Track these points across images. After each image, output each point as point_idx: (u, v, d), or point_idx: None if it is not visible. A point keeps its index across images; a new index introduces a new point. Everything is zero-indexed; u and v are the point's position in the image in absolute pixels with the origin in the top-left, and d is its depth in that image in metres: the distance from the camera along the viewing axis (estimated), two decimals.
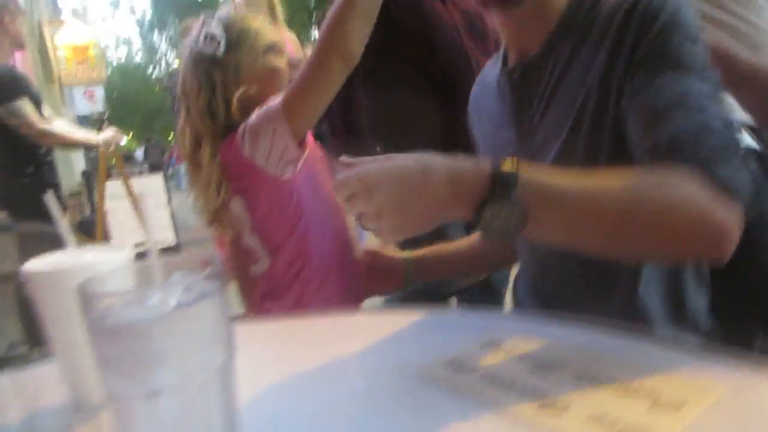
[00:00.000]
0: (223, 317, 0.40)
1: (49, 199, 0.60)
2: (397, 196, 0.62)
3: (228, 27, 1.12)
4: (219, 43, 1.10)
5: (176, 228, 6.10)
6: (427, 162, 0.62)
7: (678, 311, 0.84)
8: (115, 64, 33.33)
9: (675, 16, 0.72)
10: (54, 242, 0.62)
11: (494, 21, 0.90)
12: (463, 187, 0.61)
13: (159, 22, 28.40)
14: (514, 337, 0.67)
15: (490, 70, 0.99)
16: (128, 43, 37.78)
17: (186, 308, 0.38)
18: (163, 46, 31.34)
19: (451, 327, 0.77)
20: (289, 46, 2.39)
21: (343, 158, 0.65)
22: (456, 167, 0.62)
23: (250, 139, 1.03)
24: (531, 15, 0.83)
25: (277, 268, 1.12)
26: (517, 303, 1.03)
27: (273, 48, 1.14)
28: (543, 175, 0.63)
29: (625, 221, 0.63)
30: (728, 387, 0.50)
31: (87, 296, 0.38)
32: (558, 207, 0.62)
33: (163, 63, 31.87)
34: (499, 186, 0.59)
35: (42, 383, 0.68)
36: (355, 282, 1.18)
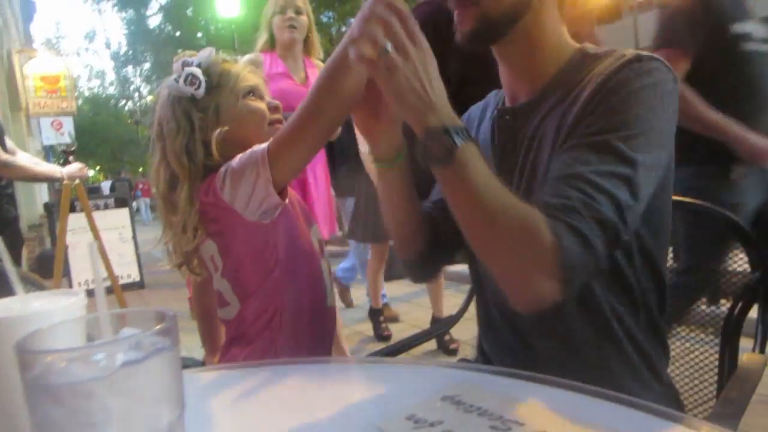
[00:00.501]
0: (173, 375, 0.38)
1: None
2: (428, 62, 0.71)
3: (208, 69, 1.11)
4: (199, 84, 1.09)
5: (140, 263, 5.96)
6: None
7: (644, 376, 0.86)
8: (86, 95, 33.05)
9: (639, 93, 0.75)
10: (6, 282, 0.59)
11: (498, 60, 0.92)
12: (442, 106, 0.71)
13: (134, 55, 28.38)
14: (473, 391, 0.66)
15: (492, 102, 1.01)
16: (101, 75, 37.54)
17: (134, 366, 0.36)
18: (137, 80, 31.31)
19: (412, 380, 0.76)
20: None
21: None
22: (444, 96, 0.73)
23: (231, 183, 1.00)
24: (521, 63, 0.86)
25: (247, 314, 1.09)
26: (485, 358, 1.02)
27: (253, 91, 1.14)
28: (476, 154, 0.71)
29: (494, 220, 0.70)
30: None
31: (25, 353, 0.36)
32: (462, 175, 0.70)
33: (136, 96, 31.77)
34: (453, 132, 0.69)
35: None
36: (327, 332, 1.16)
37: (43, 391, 0.35)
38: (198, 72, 1.10)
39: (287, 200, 1.02)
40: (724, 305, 1.06)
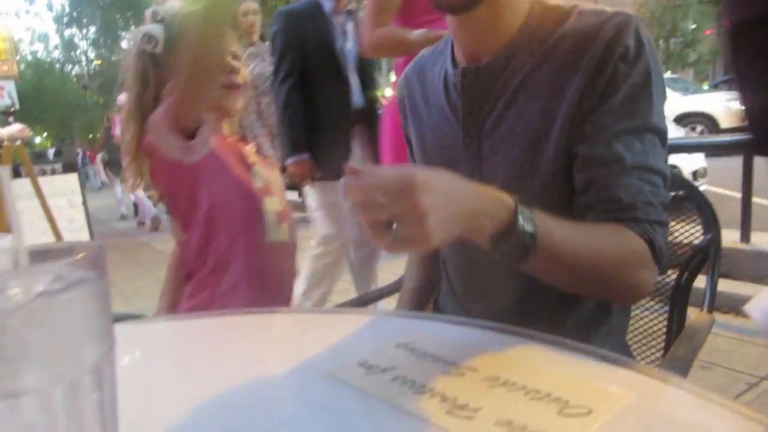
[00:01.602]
0: (99, 309, 0.35)
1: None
2: (447, 189, 0.61)
3: (171, 24, 1.19)
4: (156, 43, 1.19)
5: (91, 230, 5.77)
6: (459, 180, 0.65)
7: (604, 332, 0.88)
8: (29, 59, 31.37)
9: (650, 65, 0.76)
10: None
11: (448, 22, 0.88)
12: (489, 204, 0.66)
13: (78, 18, 27.01)
14: (427, 339, 0.66)
15: (431, 61, 0.98)
16: (45, 39, 35.59)
17: (52, 297, 0.33)
18: (83, 43, 29.83)
19: (365, 328, 0.74)
20: None
21: (351, 167, 0.61)
22: (480, 187, 0.66)
23: (154, 131, 1.11)
24: (486, 22, 0.83)
25: (188, 251, 1.19)
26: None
27: None
28: (548, 223, 0.69)
29: (586, 271, 0.72)
30: (636, 395, 0.50)
31: None
32: (550, 253, 0.68)
33: (84, 60, 30.33)
34: (522, 218, 0.65)
35: None
36: (274, 268, 1.23)
37: None
38: (156, 30, 1.18)
39: (217, 140, 1.15)
40: (670, 275, 1.09)
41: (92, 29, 26.88)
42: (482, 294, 0.93)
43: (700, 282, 1.04)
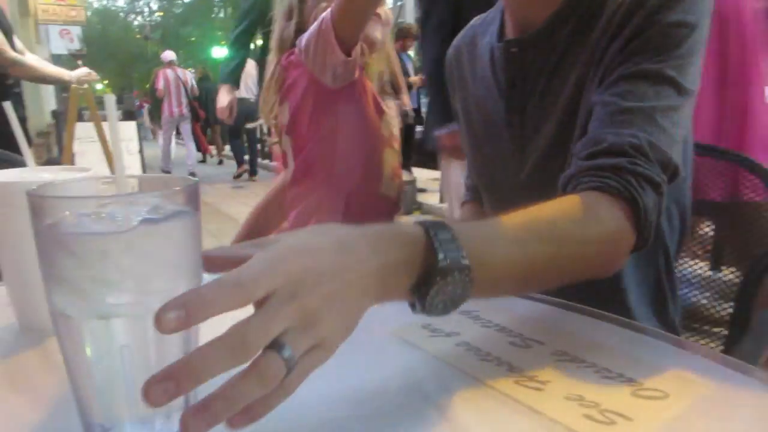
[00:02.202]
0: (192, 242, 0.36)
1: (8, 107, 0.54)
2: (325, 259, 0.39)
3: None
4: None
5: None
6: (334, 229, 0.43)
7: (661, 315, 0.84)
8: (95, 5, 32.13)
9: (693, 19, 0.68)
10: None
11: None
12: (389, 248, 0.44)
13: None
14: (491, 310, 0.65)
15: (481, 31, 0.94)
16: None
17: (151, 226, 0.33)
18: None
19: None
20: None
21: (209, 253, 0.42)
22: (377, 233, 0.44)
23: (305, 49, 1.16)
24: None
25: (298, 170, 1.24)
26: None
27: None
28: (480, 239, 0.50)
29: (553, 267, 0.57)
30: (713, 384, 0.48)
31: (38, 201, 0.33)
32: (493, 278, 0.51)
33: (146, 11, 30.87)
34: (443, 255, 0.44)
35: None
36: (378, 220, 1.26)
37: (56, 242, 0.32)
38: None
39: (359, 82, 1.19)
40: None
41: None
42: None
43: None
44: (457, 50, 0.98)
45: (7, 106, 0.55)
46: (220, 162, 10.61)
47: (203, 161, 10.74)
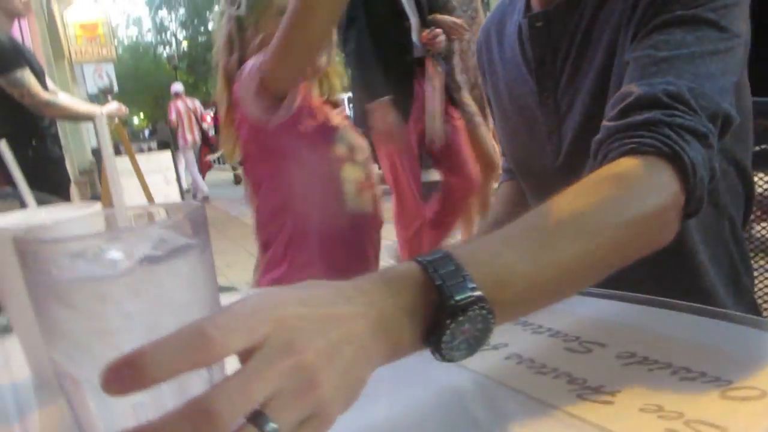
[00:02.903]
0: (203, 277, 0.32)
1: (2, 147, 0.52)
2: (331, 324, 0.33)
3: None
4: (239, 3, 1.16)
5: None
6: (324, 283, 0.37)
7: (739, 295, 0.77)
8: (126, 43, 33.23)
9: None
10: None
11: None
12: (396, 304, 0.37)
13: (168, 0, 28.22)
14: (540, 312, 0.58)
15: (510, 10, 0.88)
16: (138, 23, 37.49)
17: (154, 265, 0.29)
18: (172, 25, 31.14)
19: None
20: None
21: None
22: (371, 281, 0.38)
23: (238, 87, 1.10)
24: None
25: (263, 218, 1.18)
26: None
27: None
28: (489, 258, 0.42)
29: (590, 264, 0.47)
30: None
31: (25, 246, 0.29)
32: (520, 295, 0.43)
33: (174, 42, 31.71)
34: (448, 292, 0.38)
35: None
36: (348, 240, 1.18)
37: (49, 290, 0.29)
38: None
39: (301, 110, 1.08)
40: None
41: (181, 11, 28.02)
42: None
43: None
44: (486, 33, 0.93)
45: (3, 145, 0.52)
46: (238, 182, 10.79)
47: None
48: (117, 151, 4.08)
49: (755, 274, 0.92)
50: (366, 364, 0.34)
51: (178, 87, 8.98)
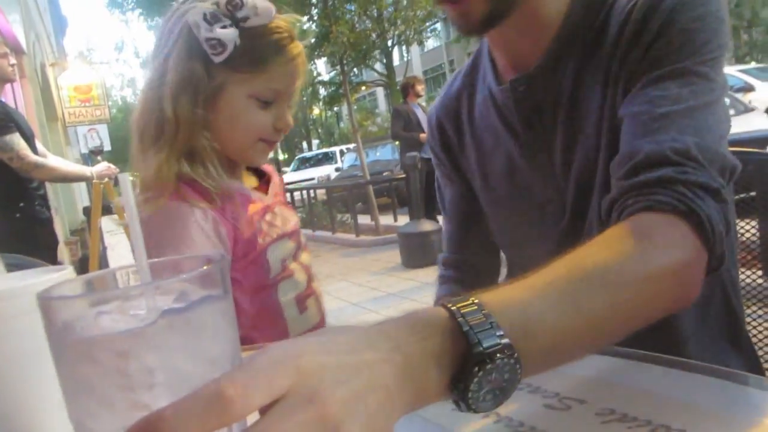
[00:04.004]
0: (225, 328, 0.31)
1: None
2: (354, 372, 0.33)
3: (252, 35, 0.92)
4: (222, 52, 0.98)
5: None
6: (348, 328, 0.37)
7: (736, 342, 0.77)
8: (120, 103, 33.81)
9: (708, 15, 0.63)
10: None
11: (488, 38, 0.79)
12: (423, 349, 0.37)
13: None
14: None
15: (466, 82, 0.87)
16: (132, 83, 38.33)
17: (175, 317, 0.29)
18: None
19: None
20: None
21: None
22: (397, 326, 0.37)
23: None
24: (525, 24, 0.72)
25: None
26: None
27: (277, 96, 0.94)
28: (517, 306, 0.42)
29: (617, 317, 0.48)
30: None
31: (47, 303, 0.29)
32: (548, 348, 0.43)
33: None
34: (476, 339, 0.37)
35: None
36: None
37: (73, 347, 0.29)
38: (230, 37, 0.82)
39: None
40: None
41: None
42: None
43: None
44: (440, 127, 0.90)
45: None
46: None
47: None
48: (107, 211, 4.08)
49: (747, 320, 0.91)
50: (391, 412, 0.33)
51: None
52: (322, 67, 25.68)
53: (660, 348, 0.63)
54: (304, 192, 9.38)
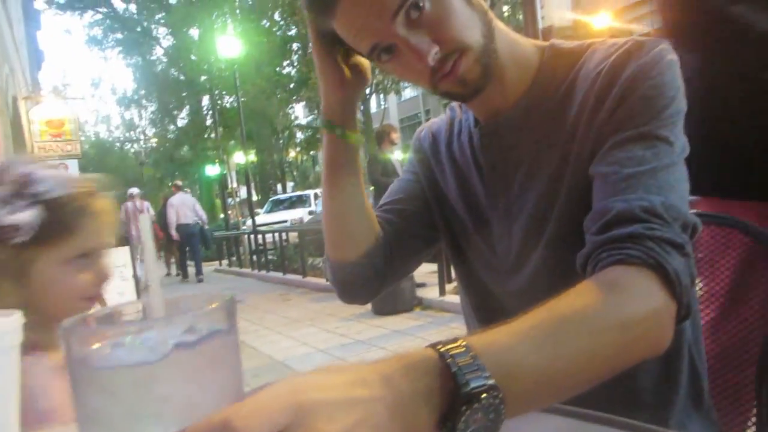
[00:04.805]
0: (234, 360, 0.34)
1: None
2: (347, 409, 0.35)
3: (55, 207, 0.86)
4: (12, 239, 0.86)
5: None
6: (342, 368, 0.40)
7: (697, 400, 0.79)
8: (93, 139, 33.55)
9: (667, 83, 0.68)
10: None
11: None
12: (414, 389, 0.40)
13: (138, 99, 28.91)
14: None
15: (452, 115, 0.92)
16: (107, 120, 38.18)
17: (186, 350, 0.31)
18: (142, 122, 31.81)
19: None
20: None
21: None
22: (389, 366, 0.40)
23: None
24: (496, 85, 0.76)
25: None
26: None
27: (90, 252, 0.89)
28: (502, 349, 0.46)
29: (595, 362, 0.51)
30: None
31: (67, 334, 0.31)
32: (530, 388, 0.46)
33: (142, 139, 32.20)
34: (464, 380, 0.40)
35: None
36: None
37: (91, 379, 0.31)
38: (26, 219, 0.79)
39: None
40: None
41: (151, 108, 28.74)
42: None
43: None
44: (430, 135, 0.94)
45: None
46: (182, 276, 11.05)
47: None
48: None
49: None
50: None
51: (134, 190, 9.97)
52: (300, 111, 26.10)
53: (621, 401, 0.68)
54: (276, 234, 9.34)
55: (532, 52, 0.79)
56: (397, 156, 6.10)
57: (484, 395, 0.40)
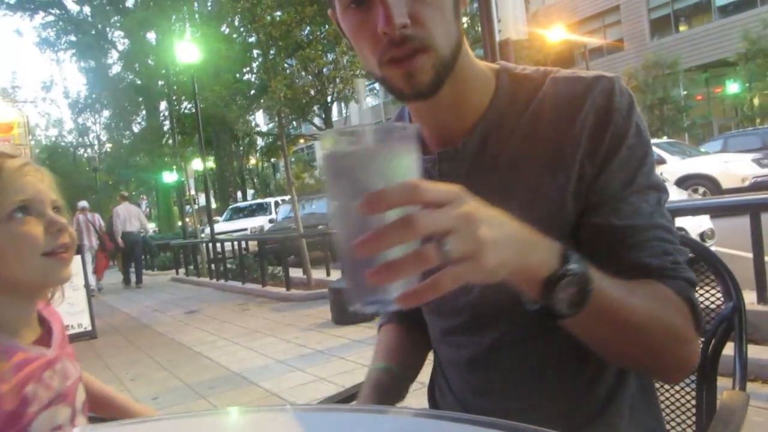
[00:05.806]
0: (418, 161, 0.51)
1: None
2: (498, 215, 0.52)
3: None
4: None
5: (92, 312, 5.70)
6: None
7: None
8: (44, 143, 32.37)
9: (639, 123, 0.73)
10: None
11: (410, 108, 0.84)
12: (541, 244, 0.58)
13: (92, 104, 28.06)
14: None
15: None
16: (59, 124, 36.91)
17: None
18: (96, 127, 30.89)
19: (354, 428, 0.67)
20: None
21: None
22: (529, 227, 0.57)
23: None
24: (451, 102, 0.76)
25: None
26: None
27: (26, 206, 0.88)
28: (600, 274, 0.62)
29: (639, 334, 0.66)
30: None
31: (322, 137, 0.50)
32: (602, 308, 0.62)
33: (96, 144, 31.27)
34: (575, 264, 0.58)
35: None
36: None
37: (331, 168, 0.50)
38: None
39: None
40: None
41: (105, 113, 27.92)
42: (483, 390, 0.83)
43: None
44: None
45: None
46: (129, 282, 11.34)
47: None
48: None
49: None
50: (512, 250, 0.51)
51: (84, 203, 10.24)
52: (260, 119, 25.76)
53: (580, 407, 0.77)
54: (236, 243, 9.19)
55: (487, 75, 0.79)
56: None
57: (581, 276, 0.57)
